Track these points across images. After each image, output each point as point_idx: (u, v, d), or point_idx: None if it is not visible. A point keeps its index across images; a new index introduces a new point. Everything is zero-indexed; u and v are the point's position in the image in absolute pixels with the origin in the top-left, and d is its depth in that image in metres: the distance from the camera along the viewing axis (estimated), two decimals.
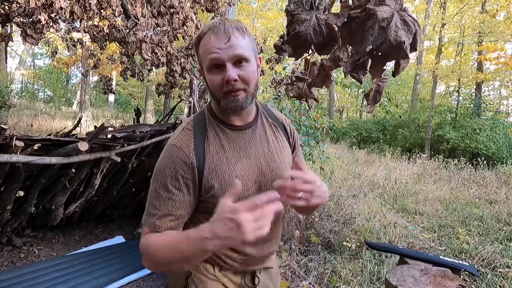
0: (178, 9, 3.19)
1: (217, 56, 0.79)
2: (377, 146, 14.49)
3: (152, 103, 15.47)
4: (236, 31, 0.80)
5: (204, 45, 0.82)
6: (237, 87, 0.81)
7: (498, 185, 7.04)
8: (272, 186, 0.88)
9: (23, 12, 2.87)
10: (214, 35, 0.80)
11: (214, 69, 0.81)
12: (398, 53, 0.73)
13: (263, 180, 0.90)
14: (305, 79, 1.10)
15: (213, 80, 0.82)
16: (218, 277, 0.92)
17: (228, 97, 0.82)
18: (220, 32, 0.79)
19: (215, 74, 0.81)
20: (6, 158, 1.93)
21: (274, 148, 0.95)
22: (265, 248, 0.96)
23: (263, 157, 0.91)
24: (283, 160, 0.95)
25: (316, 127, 3.87)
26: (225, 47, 0.79)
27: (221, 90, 0.82)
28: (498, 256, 3.13)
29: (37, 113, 12.32)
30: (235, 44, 0.79)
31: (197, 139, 0.86)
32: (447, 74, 13.48)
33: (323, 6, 0.84)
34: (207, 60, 0.81)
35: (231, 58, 0.79)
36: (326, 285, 2.60)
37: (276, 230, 0.99)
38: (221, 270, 0.94)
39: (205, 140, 0.87)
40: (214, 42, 0.79)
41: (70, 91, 26.36)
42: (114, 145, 2.57)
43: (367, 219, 3.81)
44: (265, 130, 0.96)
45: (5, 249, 2.73)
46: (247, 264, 0.95)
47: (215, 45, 0.79)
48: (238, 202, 0.77)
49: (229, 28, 0.80)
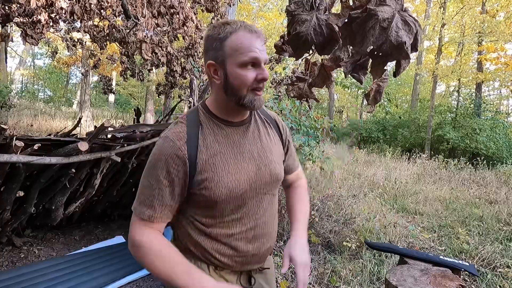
0: (178, 9, 3.19)
1: (257, 55, 0.82)
2: (377, 146, 14.49)
3: (152, 103, 15.44)
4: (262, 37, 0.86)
5: (240, 41, 0.81)
6: (262, 87, 0.86)
7: (498, 185, 7.05)
8: (264, 181, 0.92)
9: (23, 12, 2.87)
10: (250, 34, 0.82)
11: (249, 66, 0.83)
12: (399, 53, 0.73)
13: (256, 175, 0.91)
14: (305, 79, 1.10)
15: (246, 76, 0.83)
16: (213, 277, 0.90)
17: (253, 95, 0.85)
18: (256, 34, 0.83)
19: (249, 71, 0.83)
20: (6, 158, 1.92)
21: (267, 144, 0.97)
22: (260, 244, 0.95)
23: (256, 153, 0.93)
24: (275, 156, 0.97)
25: (316, 127, 3.87)
26: (262, 49, 0.83)
27: (250, 86, 0.84)
28: (498, 256, 3.13)
29: (37, 113, 12.32)
30: (265, 49, 0.85)
31: (190, 132, 0.87)
32: (447, 74, 13.48)
33: (323, 6, 0.84)
34: (243, 55, 0.81)
35: (264, 60, 0.84)
36: (326, 285, 2.60)
37: (271, 226, 0.99)
38: (216, 270, 0.93)
39: (199, 133, 0.88)
40: (254, 41, 0.82)
41: (70, 91, 26.36)
42: (114, 145, 2.57)
43: (367, 219, 3.82)
44: (258, 127, 0.98)
45: (5, 249, 2.73)
46: (243, 263, 0.94)
47: (255, 45, 0.82)
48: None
49: (260, 33, 0.85)
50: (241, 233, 0.91)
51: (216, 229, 0.90)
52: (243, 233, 0.91)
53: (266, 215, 0.96)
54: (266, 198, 0.95)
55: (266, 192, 0.95)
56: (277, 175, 0.96)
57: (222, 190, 0.85)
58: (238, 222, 0.91)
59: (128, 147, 2.67)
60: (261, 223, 0.94)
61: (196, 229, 0.91)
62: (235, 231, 0.91)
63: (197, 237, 0.90)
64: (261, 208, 0.94)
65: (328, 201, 4.06)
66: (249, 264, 0.96)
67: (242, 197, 0.89)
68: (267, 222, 0.96)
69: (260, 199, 0.93)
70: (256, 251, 0.94)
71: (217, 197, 0.85)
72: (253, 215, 0.92)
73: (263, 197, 0.94)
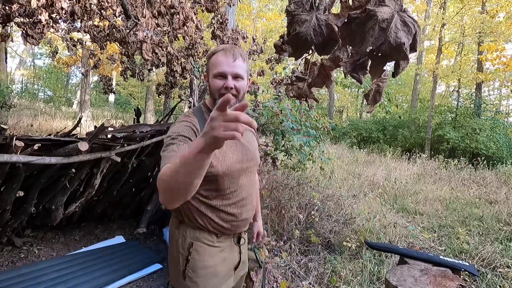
0: (179, 10, 3.19)
1: (224, 70, 1.12)
2: (377, 146, 14.48)
3: (152, 103, 15.45)
4: (240, 57, 1.14)
5: (215, 59, 1.15)
6: (232, 93, 1.11)
7: (498, 185, 7.04)
8: (250, 162, 1.23)
9: (24, 12, 2.87)
10: (224, 54, 1.13)
11: (219, 77, 1.13)
12: (398, 54, 0.74)
13: (245, 156, 1.21)
14: (305, 79, 1.10)
15: (216, 84, 1.14)
16: (215, 244, 1.18)
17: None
18: (230, 54, 1.13)
19: (218, 80, 1.13)
20: (6, 158, 1.93)
21: (250, 137, 1.31)
22: (248, 210, 1.23)
23: (245, 141, 1.25)
24: (255, 145, 1.32)
25: (317, 127, 3.87)
26: (231, 65, 1.12)
27: (219, 91, 1.13)
28: (498, 256, 3.13)
29: (37, 113, 12.32)
30: (237, 65, 1.13)
31: (199, 122, 1.14)
32: (447, 74, 13.47)
33: (323, 6, 0.85)
34: (215, 69, 1.13)
35: (233, 73, 1.13)
36: (326, 285, 2.61)
37: (254, 196, 1.28)
38: (218, 237, 1.19)
39: (205, 124, 1.01)
40: (225, 60, 1.13)
41: (70, 91, 26.35)
42: (114, 145, 2.57)
43: (367, 219, 3.82)
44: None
45: (5, 249, 2.73)
46: (238, 227, 1.22)
47: (225, 62, 1.12)
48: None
49: (237, 53, 1.14)
50: (237, 202, 1.18)
51: (218, 200, 1.15)
52: (238, 202, 1.19)
53: (251, 188, 1.26)
54: (251, 175, 1.25)
55: (251, 171, 1.25)
56: (257, 158, 1.28)
57: (223, 167, 1.11)
58: (234, 193, 1.18)
59: (128, 147, 2.67)
60: (248, 194, 1.23)
61: (201, 202, 1.14)
62: (232, 201, 1.17)
63: (202, 208, 1.14)
64: (249, 182, 1.23)
65: (328, 201, 4.07)
66: (240, 227, 1.23)
67: (236, 173, 1.16)
68: (252, 193, 1.26)
69: (247, 175, 1.23)
70: (246, 216, 1.23)
71: (219, 172, 1.10)
72: (244, 188, 1.20)
73: (250, 174, 1.24)
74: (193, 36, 3.78)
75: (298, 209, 3.65)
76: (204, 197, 1.14)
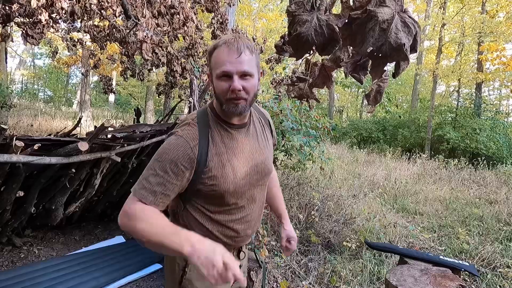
0: (179, 10, 3.19)
1: (227, 69, 0.93)
2: (377, 146, 14.48)
3: (152, 103, 15.45)
4: (246, 49, 0.95)
5: (217, 56, 0.95)
6: (240, 96, 0.95)
7: (498, 185, 7.05)
8: (260, 175, 1.09)
9: (24, 12, 2.87)
10: (227, 49, 0.94)
11: (223, 78, 0.95)
12: (398, 55, 0.74)
13: (254, 171, 1.07)
14: (306, 79, 1.10)
15: (221, 87, 0.95)
16: None
17: (230, 103, 0.96)
18: (233, 48, 0.93)
19: (223, 81, 0.95)
20: (6, 158, 1.92)
21: (262, 143, 1.13)
22: (253, 225, 1.15)
23: (254, 151, 1.08)
24: (268, 153, 1.15)
25: (317, 127, 3.87)
26: (235, 61, 0.93)
27: (225, 95, 0.96)
28: (498, 256, 3.14)
29: (37, 113, 12.31)
30: (243, 60, 0.94)
31: (202, 134, 0.99)
32: (447, 74, 13.47)
33: (324, 6, 0.84)
34: (218, 69, 0.95)
35: (239, 72, 0.94)
36: (326, 285, 2.61)
37: (261, 211, 1.19)
38: None
39: (209, 135, 1.00)
40: (229, 56, 0.93)
41: (70, 91, 26.34)
42: (114, 145, 2.57)
43: (367, 219, 3.82)
44: (255, 127, 1.13)
45: (5, 249, 2.73)
46: (239, 242, 1.15)
47: (229, 59, 0.93)
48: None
49: (241, 46, 0.94)
50: (241, 218, 1.09)
51: (221, 215, 1.05)
52: (242, 218, 1.09)
53: (259, 203, 1.14)
54: (260, 189, 1.13)
55: (260, 184, 1.12)
56: (269, 170, 1.14)
57: (228, 185, 1.00)
58: (239, 209, 1.07)
59: (128, 147, 2.67)
60: (255, 209, 1.12)
61: (203, 215, 1.05)
62: (236, 217, 1.08)
63: (203, 221, 1.05)
64: (256, 197, 1.12)
65: (328, 201, 4.07)
66: (242, 242, 1.16)
67: (243, 189, 1.05)
68: (259, 208, 1.16)
69: (256, 190, 1.11)
70: (249, 232, 1.14)
71: (224, 191, 1.00)
72: (250, 203, 1.10)
73: (258, 188, 1.12)
74: (193, 36, 3.77)
75: (298, 209, 3.65)
76: (206, 210, 1.06)
